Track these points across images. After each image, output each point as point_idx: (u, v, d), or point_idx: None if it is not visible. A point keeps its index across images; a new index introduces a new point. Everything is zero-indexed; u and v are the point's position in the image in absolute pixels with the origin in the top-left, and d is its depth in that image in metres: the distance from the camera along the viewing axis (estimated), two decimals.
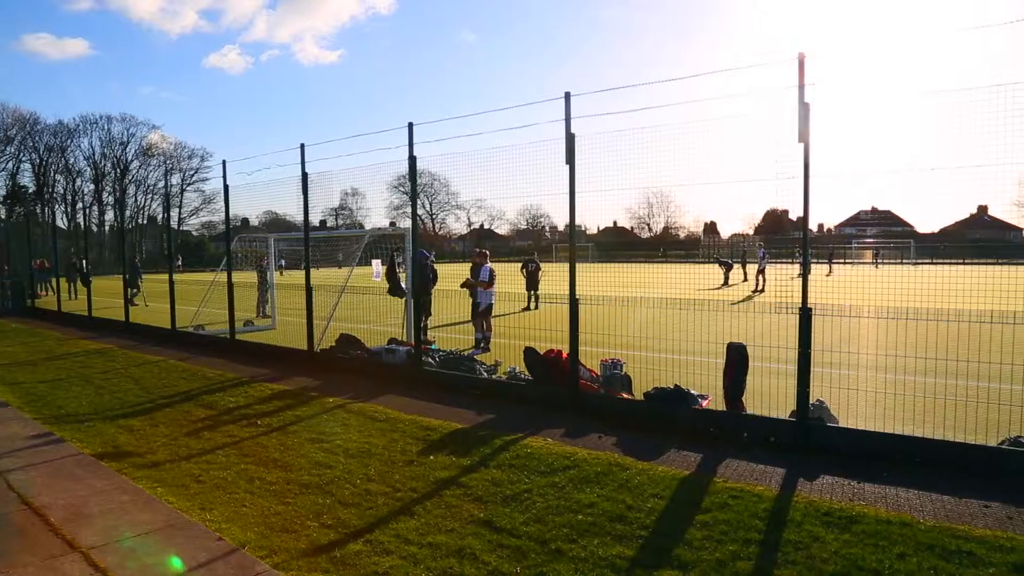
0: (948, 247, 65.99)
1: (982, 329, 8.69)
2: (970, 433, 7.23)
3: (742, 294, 25.71)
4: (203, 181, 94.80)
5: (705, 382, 9.02)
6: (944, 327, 8.82)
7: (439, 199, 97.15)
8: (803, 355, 7.24)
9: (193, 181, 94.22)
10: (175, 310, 16.84)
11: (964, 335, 8.59)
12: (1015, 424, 7.36)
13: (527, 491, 6.11)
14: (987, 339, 9.33)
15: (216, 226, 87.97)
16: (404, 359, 11.46)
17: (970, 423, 7.54)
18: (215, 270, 20.15)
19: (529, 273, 22.65)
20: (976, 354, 8.04)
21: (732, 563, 4.74)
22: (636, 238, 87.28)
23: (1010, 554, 4.75)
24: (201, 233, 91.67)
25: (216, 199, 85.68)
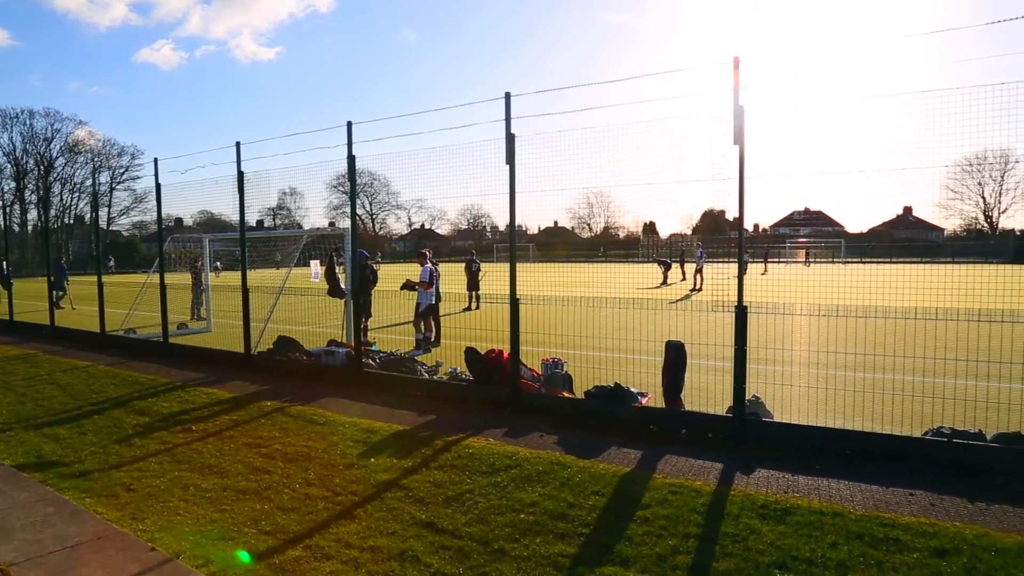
0: (876, 246, 68.39)
1: (907, 325, 9.04)
2: (897, 425, 7.53)
3: (680, 293, 26.16)
4: (134, 180, 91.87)
5: (645, 380, 9.15)
6: (872, 323, 9.14)
7: (379, 199, 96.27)
8: (739, 352, 7.41)
9: (123, 179, 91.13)
10: (104, 313, 16.26)
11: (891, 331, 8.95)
12: (937, 415, 7.67)
13: (469, 491, 6.10)
14: (912, 334, 9.72)
15: (148, 226, 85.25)
16: (344, 361, 11.32)
17: (897, 415, 7.84)
18: (147, 271, 19.53)
19: (471, 273, 22.62)
20: (902, 349, 8.37)
21: (672, 557, 4.82)
22: (577, 238, 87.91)
23: (932, 539, 4.98)
24: (132, 233, 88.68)
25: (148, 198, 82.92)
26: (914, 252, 64.61)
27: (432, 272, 14.53)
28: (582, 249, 75.46)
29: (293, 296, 13.72)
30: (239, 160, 12.15)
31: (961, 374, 9.63)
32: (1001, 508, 5.58)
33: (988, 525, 5.25)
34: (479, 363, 9.57)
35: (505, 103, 8.65)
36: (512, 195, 8.70)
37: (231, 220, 19.55)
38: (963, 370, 9.63)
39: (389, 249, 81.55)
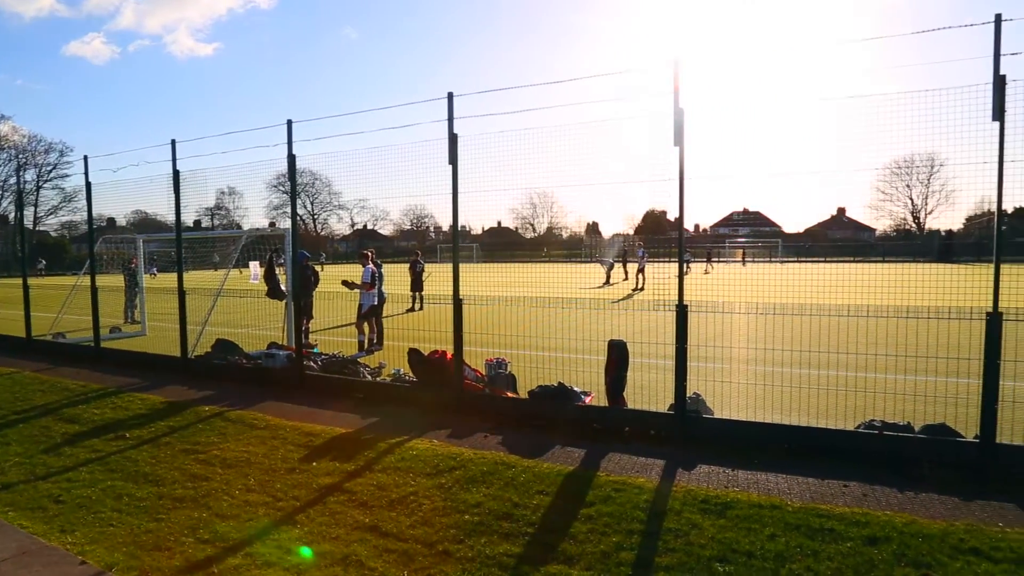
0: (811, 246, 70.34)
1: (840, 322, 9.32)
2: (832, 419, 7.76)
3: (623, 292, 26.46)
4: (63, 178, 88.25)
5: (588, 379, 9.23)
6: (807, 321, 9.39)
7: (321, 199, 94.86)
8: (680, 351, 7.53)
9: (51, 178, 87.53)
10: (30, 317, 15.64)
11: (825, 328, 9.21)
12: (870, 408, 7.93)
13: (413, 494, 6.06)
14: (845, 331, 10.03)
15: (78, 226, 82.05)
16: (285, 364, 11.12)
17: (831, 409, 8.08)
18: (77, 273, 18.86)
19: (415, 274, 22.47)
20: (836, 345, 8.63)
21: (616, 554, 4.87)
22: (520, 238, 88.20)
23: (865, 528, 5.15)
24: (61, 234, 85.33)
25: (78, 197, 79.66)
26: (847, 252, 66.73)
27: (374, 273, 14.38)
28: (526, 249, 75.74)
29: (232, 298, 13.43)
30: (174, 158, 11.83)
31: (891, 369, 9.97)
32: (927, 496, 5.81)
33: (916, 513, 5.45)
34: (422, 364, 9.51)
35: (448, 103, 8.62)
36: (455, 195, 8.68)
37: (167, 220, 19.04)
38: (892, 365, 9.97)
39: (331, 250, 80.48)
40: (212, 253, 20.51)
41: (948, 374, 9.58)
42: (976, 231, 53.64)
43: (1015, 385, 8.50)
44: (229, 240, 16.41)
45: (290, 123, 10.12)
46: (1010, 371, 7.18)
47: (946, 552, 4.77)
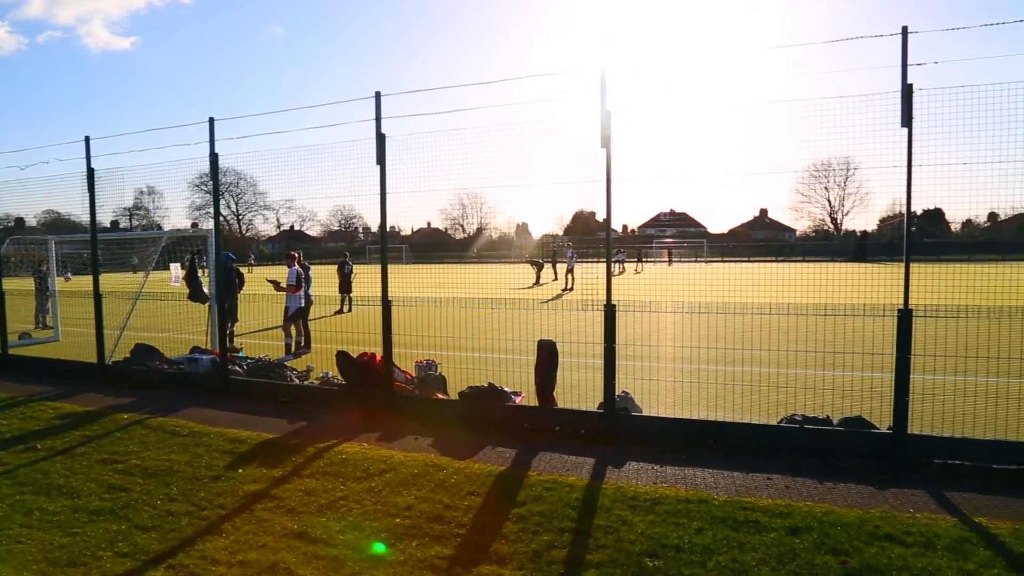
0: (735, 246, 72.30)
1: (763, 320, 9.59)
2: (755, 414, 7.99)
3: (552, 292, 26.66)
4: None
5: (518, 379, 9.26)
6: (732, 319, 9.65)
7: (246, 199, 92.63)
8: (608, 350, 7.63)
9: None
10: None
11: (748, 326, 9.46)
12: (791, 403, 8.18)
13: (343, 498, 5.97)
14: (767, 329, 10.32)
15: None
16: (209, 368, 10.81)
17: (755, 405, 8.31)
18: None
19: (343, 275, 22.13)
20: (759, 342, 8.88)
21: (547, 553, 4.90)
22: (450, 239, 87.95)
23: (787, 519, 5.33)
24: None
25: None
26: (769, 252, 68.83)
27: (300, 275, 14.10)
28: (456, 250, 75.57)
29: (152, 301, 12.96)
30: (89, 156, 11.35)
31: (811, 365, 10.32)
32: (846, 486, 6.04)
33: (835, 503, 5.67)
34: (351, 367, 9.38)
35: (375, 102, 8.53)
36: (383, 196, 8.59)
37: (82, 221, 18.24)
38: (812, 361, 10.33)
39: (257, 251, 78.53)
40: (131, 255, 19.73)
41: (864, 368, 9.99)
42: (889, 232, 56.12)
43: (924, 378, 8.91)
44: (149, 241, 15.80)
45: (212, 121, 9.85)
46: (920, 365, 7.52)
47: (862, 539, 4.97)
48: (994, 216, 61.34)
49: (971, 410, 7.69)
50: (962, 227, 74.69)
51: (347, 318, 19.64)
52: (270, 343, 14.84)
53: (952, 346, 8.29)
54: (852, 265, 31.33)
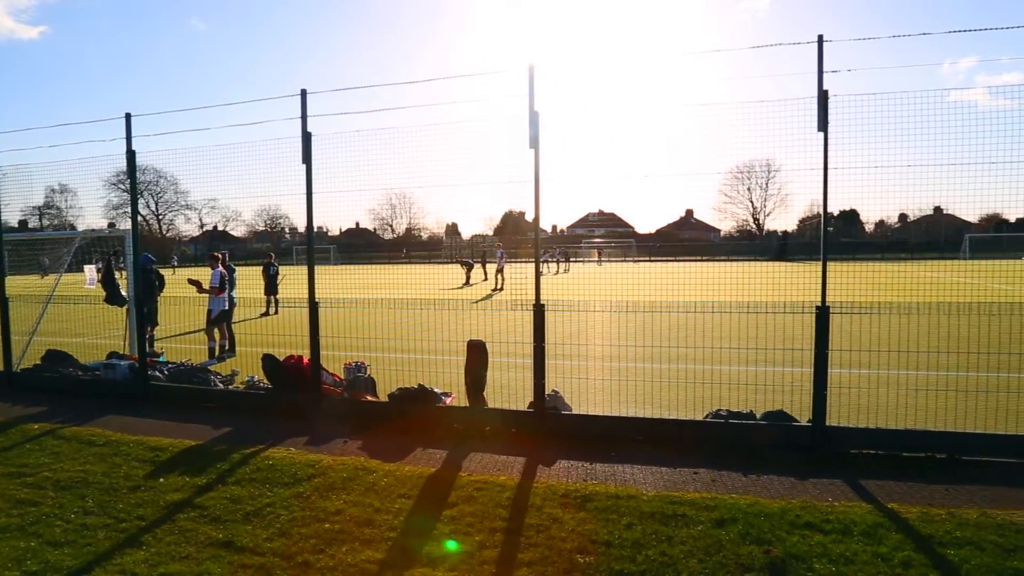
0: (662, 246, 73.69)
1: (689, 318, 9.81)
2: (682, 410, 8.16)
3: (482, 293, 26.68)
4: None
5: (449, 380, 9.23)
6: (659, 317, 9.83)
7: (166, 198, 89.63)
8: (538, 349, 7.67)
9: None
10: None
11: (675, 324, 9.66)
12: (716, 398, 8.39)
13: (270, 505, 5.83)
14: (693, 326, 10.57)
15: None
16: (127, 375, 10.40)
17: (682, 401, 8.49)
18: None
19: (269, 277, 21.64)
20: (685, 340, 9.08)
21: (479, 553, 4.89)
22: (379, 239, 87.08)
23: (714, 512, 5.47)
24: None
25: None
26: (695, 251, 70.45)
27: (223, 276, 13.72)
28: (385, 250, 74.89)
29: (64, 305, 12.41)
30: None
31: (735, 361, 10.61)
32: (769, 478, 6.24)
33: (759, 494, 5.84)
34: (278, 370, 9.18)
35: (301, 100, 8.37)
36: (309, 195, 8.43)
37: None
38: (736, 357, 10.62)
39: (179, 252, 76.03)
40: (41, 256, 18.84)
41: (785, 364, 10.32)
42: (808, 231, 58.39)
43: (842, 372, 9.26)
44: (61, 242, 15.11)
45: (129, 116, 9.50)
46: (837, 359, 7.81)
47: (784, 528, 5.14)
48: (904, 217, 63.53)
49: (884, 401, 8.04)
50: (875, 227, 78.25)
51: (273, 320, 19.23)
52: (193, 347, 14.40)
53: (867, 341, 8.64)
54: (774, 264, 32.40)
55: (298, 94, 8.38)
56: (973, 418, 7.33)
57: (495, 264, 31.51)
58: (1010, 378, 9.32)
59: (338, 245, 61.64)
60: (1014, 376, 9.45)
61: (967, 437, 6.78)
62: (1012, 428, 6.98)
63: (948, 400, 7.81)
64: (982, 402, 7.88)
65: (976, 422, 7.25)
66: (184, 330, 16.40)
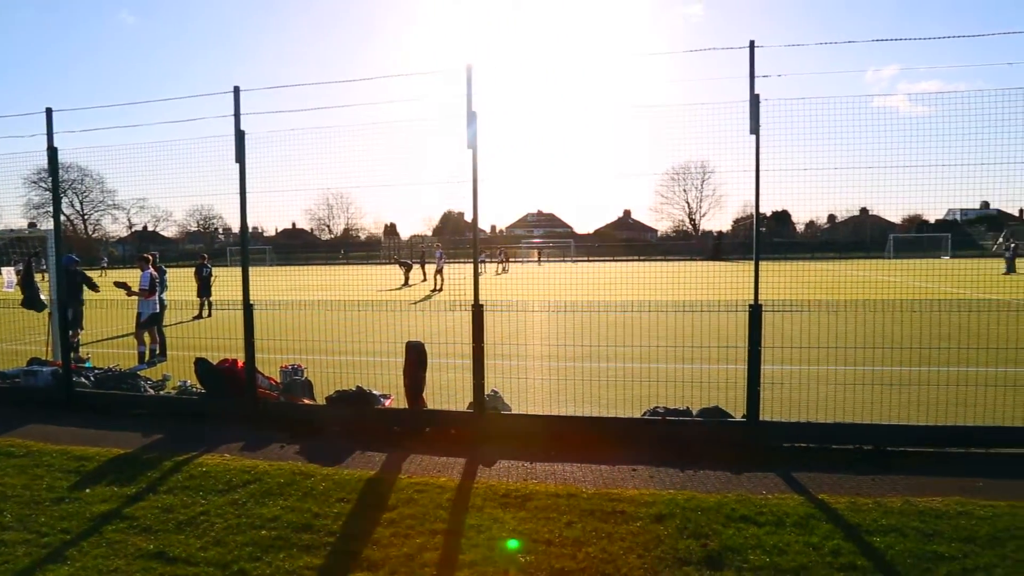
0: (600, 246, 74.62)
1: (627, 317, 9.94)
2: (621, 408, 8.26)
3: (421, 294, 26.53)
4: None
5: (387, 382, 9.14)
6: (598, 316, 9.93)
7: (92, 197, 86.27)
8: (477, 349, 7.67)
9: None
10: None
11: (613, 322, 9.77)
12: (654, 396, 8.52)
13: (204, 513, 5.67)
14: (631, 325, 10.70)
15: None
16: (50, 382, 9.98)
17: (621, 399, 8.59)
18: None
19: (201, 279, 21.08)
20: (623, 339, 9.18)
21: (420, 555, 4.86)
22: (317, 240, 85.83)
23: (652, 507, 5.56)
24: None
25: None
26: (633, 251, 71.57)
27: (154, 278, 13.30)
28: (322, 251, 73.83)
29: None
30: None
31: (672, 359, 10.79)
32: (705, 473, 6.36)
33: (696, 489, 5.96)
34: (211, 374, 8.95)
35: (234, 97, 8.17)
36: (243, 195, 8.24)
37: None
38: (673, 355, 10.80)
39: (106, 253, 73.37)
40: None
41: (720, 361, 10.54)
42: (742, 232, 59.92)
43: (774, 368, 9.51)
44: None
45: (49, 111, 9.12)
46: (769, 356, 8.01)
47: (721, 521, 5.25)
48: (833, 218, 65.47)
49: (815, 396, 8.28)
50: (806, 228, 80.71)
51: (207, 323, 18.75)
52: (121, 352, 13.92)
53: (798, 338, 8.89)
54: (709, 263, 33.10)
55: (231, 91, 8.19)
56: (897, 411, 7.63)
57: (434, 265, 31.39)
58: (930, 372, 9.71)
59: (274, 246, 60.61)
60: (934, 370, 9.86)
61: (892, 429, 7.07)
62: (932, 419, 7.28)
63: (874, 394, 8.10)
64: (905, 395, 8.20)
65: (900, 414, 7.55)
66: (112, 334, 15.85)
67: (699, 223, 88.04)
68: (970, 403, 7.56)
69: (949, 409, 7.52)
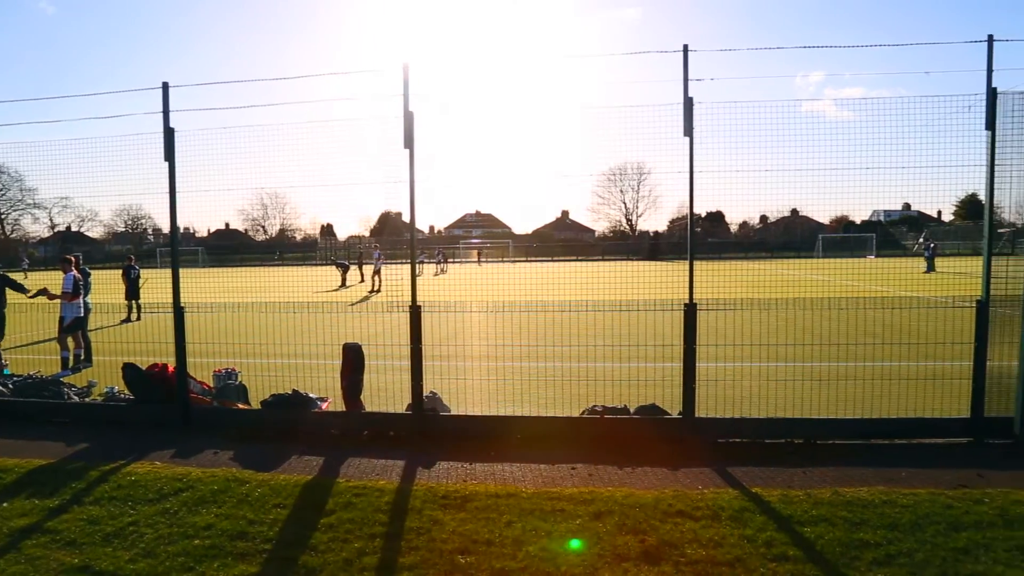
0: (539, 246, 75.01)
1: (565, 316, 10.01)
2: (560, 407, 8.31)
3: (359, 295, 26.23)
4: None
5: (325, 385, 9.01)
6: (536, 316, 9.97)
7: (9, 196, 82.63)
8: (415, 351, 7.62)
9: None
10: None
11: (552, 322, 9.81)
12: (592, 395, 8.59)
13: (133, 524, 5.48)
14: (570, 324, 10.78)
15: None
16: None
17: (559, 398, 8.65)
18: None
19: (129, 281, 20.39)
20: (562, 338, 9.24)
21: (359, 560, 4.79)
22: (251, 240, 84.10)
23: (591, 505, 5.61)
24: None
25: None
26: (571, 251, 72.21)
27: (77, 281, 12.80)
28: (257, 252, 72.37)
29: None
30: None
31: (610, 358, 10.90)
32: (643, 470, 6.45)
33: (634, 486, 6.04)
34: (140, 380, 8.66)
35: (163, 93, 7.94)
36: (172, 194, 8.00)
37: None
38: (611, 354, 10.91)
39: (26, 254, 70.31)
40: None
41: (656, 359, 10.71)
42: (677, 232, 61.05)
43: (709, 366, 9.69)
44: None
45: None
46: (704, 354, 8.16)
47: (658, 517, 5.34)
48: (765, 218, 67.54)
49: (748, 392, 8.48)
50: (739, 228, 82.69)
51: (136, 327, 18.15)
52: (43, 358, 13.37)
53: (732, 335, 9.09)
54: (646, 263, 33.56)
55: (159, 87, 7.95)
56: (826, 405, 7.87)
57: (372, 266, 31.08)
58: (857, 367, 10.06)
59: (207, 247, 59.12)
60: (860, 365, 10.22)
61: (821, 423, 7.30)
62: (859, 412, 7.55)
63: (805, 389, 8.34)
64: (834, 389, 8.46)
65: (829, 408, 7.79)
66: (33, 339, 15.21)
67: (636, 223, 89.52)
68: (894, 396, 7.86)
69: (875, 402, 7.81)
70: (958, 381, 7.64)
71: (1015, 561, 4.63)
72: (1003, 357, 7.10)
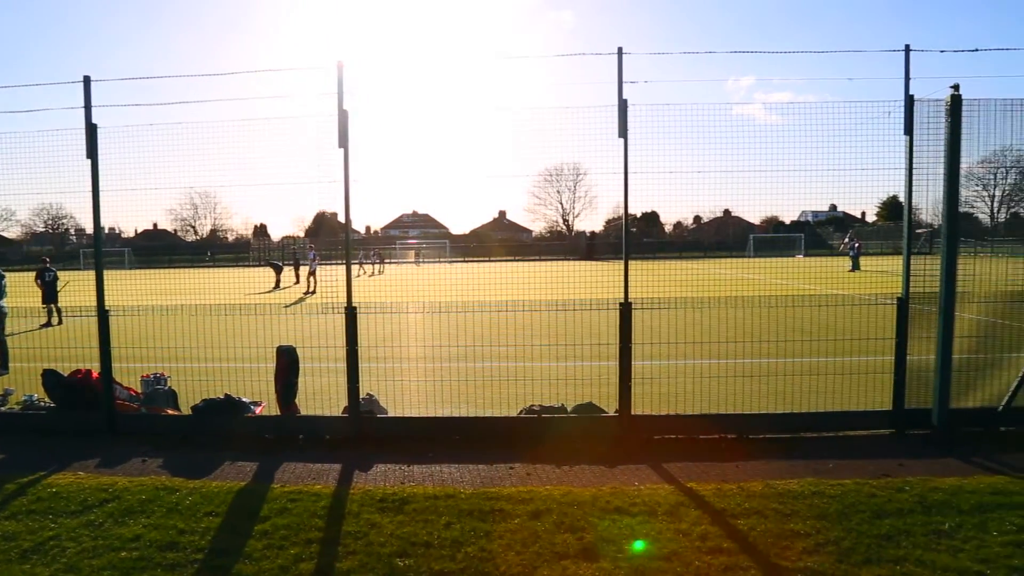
0: (476, 246, 75.01)
1: (502, 317, 10.02)
2: (497, 407, 8.32)
3: (294, 296, 25.77)
4: None
5: (258, 388, 8.81)
6: (473, 316, 9.96)
7: None
8: (351, 353, 7.52)
9: None
10: None
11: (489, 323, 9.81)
12: (529, 394, 8.62)
13: (54, 538, 5.25)
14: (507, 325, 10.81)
15: None
16: None
17: (497, 399, 8.65)
18: None
19: (45, 284, 19.49)
20: (499, 338, 9.24)
21: (295, 566, 4.70)
22: (181, 241, 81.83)
23: (530, 504, 5.63)
24: None
25: None
26: (508, 251, 72.44)
27: None
28: (187, 253, 70.43)
29: None
30: None
31: (547, 357, 10.97)
32: (581, 468, 6.51)
33: (572, 484, 6.08)
34: (62, 387, 8.31)
35: (84, 88, 7.64)
36: (95, 193, 7.70)
37: None
38: (548, 353, 10.98)
39: None
40: None
41: (593, 358, 10.81)
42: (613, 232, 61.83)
43: (644, 364, 9.84)
44: None
45: None
46: (640, 352, 8.27)
47: (596, 514, 5.39)
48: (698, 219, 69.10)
49: (683, 389, 8.63)
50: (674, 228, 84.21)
51: (56, 332, 17.42)
52: None
53: (667, 334, 9.22)
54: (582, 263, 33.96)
55: (80, 81, 7.65)
56: (757, 400, 8.09)
57: (307, 267, 30.57)
58: (786, 363, 10.36)
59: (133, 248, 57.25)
60: (789, 360, 10.53)
61: (753, 417, 7.50)
62: (788, 407, 7.78)
63: (737, 385, 8.56)
64: (764, 385, 8.71)
65: (760, 404, 8.00)
66: None
67: (573, 224, 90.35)
68: (821, 390, 8.11)
69: (803, 397, 8.05)
70: (880, 375, 7.93)
71: (932, 545, 4.84)
72: (922, 352, 7.39)
